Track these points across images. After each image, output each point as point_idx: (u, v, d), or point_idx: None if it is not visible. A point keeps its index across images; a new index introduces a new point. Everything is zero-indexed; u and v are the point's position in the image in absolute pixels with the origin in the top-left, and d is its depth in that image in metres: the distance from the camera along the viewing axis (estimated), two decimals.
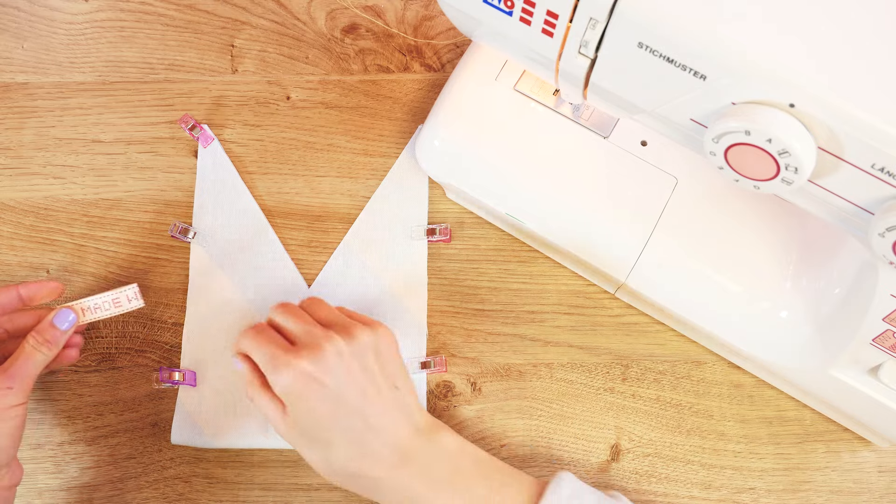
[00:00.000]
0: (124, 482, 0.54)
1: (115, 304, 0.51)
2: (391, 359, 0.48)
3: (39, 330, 0.49)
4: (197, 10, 0.64)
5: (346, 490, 0.54)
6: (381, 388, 0.46)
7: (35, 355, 0.48)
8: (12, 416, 0.45)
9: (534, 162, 0.53)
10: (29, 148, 0.61)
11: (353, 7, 0.64)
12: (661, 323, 0.57)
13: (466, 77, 0.54)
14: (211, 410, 0.54)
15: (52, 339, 0.49)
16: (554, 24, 0.38)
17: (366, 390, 0.45)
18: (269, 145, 0.61)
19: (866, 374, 0.48)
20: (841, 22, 0.33)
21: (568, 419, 0.55)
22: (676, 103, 0.37)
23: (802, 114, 0.33)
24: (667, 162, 0.53)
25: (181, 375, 0.54)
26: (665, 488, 0.54)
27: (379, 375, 0.46)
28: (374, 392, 0.46)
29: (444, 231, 0.58)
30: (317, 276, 0.58)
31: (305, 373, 0.44)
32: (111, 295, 0.51)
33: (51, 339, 0.49)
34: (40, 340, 0.48)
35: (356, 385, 0.45)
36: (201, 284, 0.57)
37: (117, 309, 0.51)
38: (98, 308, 0.51)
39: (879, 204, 0.35)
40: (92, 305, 0.51)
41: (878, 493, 0.53)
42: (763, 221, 0.52)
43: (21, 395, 0.46)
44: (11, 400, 0.45)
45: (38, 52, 0.63)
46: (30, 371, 0.47)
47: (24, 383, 0.47)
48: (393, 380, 0.47)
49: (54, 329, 0.49)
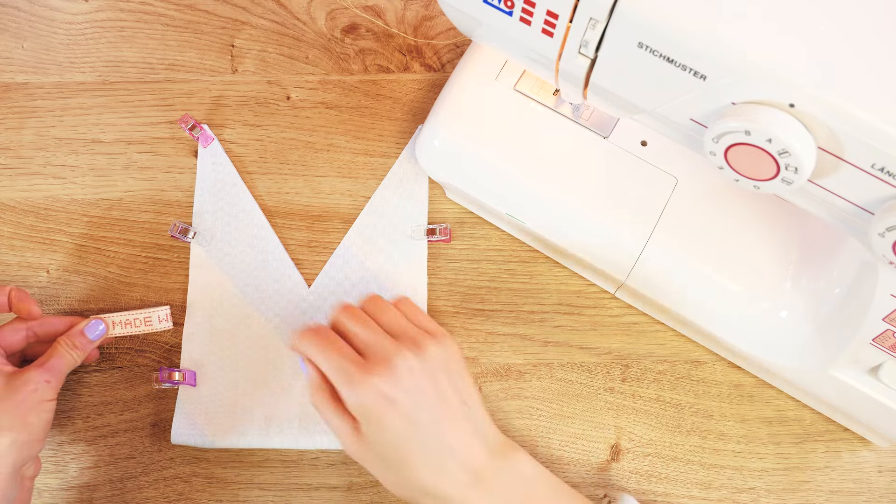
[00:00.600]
0: (124, 482, 0.54)
1: (146, 322, 0.54)
2: (460, 374, 0.47)
3: (70, 335, 0.51)
4: (197, 10, 0.64)
5: (347, 489, 0.54)
6: (452, 404, 0.45)
7: (66, 356, 0.50)
8: (47, 409, 0.48)
9: (534, 162, 0.53)
10: (29, 148, 0.61)
11: (353, 7, 0.64)
12: (661, 323, 0.57)
13: (466, 77, 0.54)
14: (211, 410, 0.54)
15: (81, 345, 0.51)
16: (554, 24, 0.38)
17: (438, 408, 0.45)
18: (269, 145, 0.61)
19: (866, 374, 0.48)
20: (841, 22, 0.33)
21: (568, 419, 0.55)
22: (676, 103, 0.37)
23: (802, 114, 0.33)
24: (667, 162, 0.53)
25: (181, 375, 0.54)
26: (665, 488, 0.54)
27: (449, 392, 0.45)
28: (446, 409, 0.45)
29: (444, 231, 0.58)
30: (317, 276, 0.58)
31: (381, 392, 0.43)
32: (143, 313, 0.53)
33: (80, 345, 0.51)
34: (70, 345, 0.51)
35: (429, 403, 0.44)
36: (201, 284, 0.57)
37: (147, 327, 0.54)
38: (129, 324, 0.53)
39: (879, 204, 0.35)
40: (122, 321, 0.53)
41: (878, 493, 0.53)
42: (763, 221, 0.52)
43: (55, 391, 0.48)
44: (48, 394, 0.48)
45: (38, 52, 0.63)
46: (63, 370, 0.50)
47: (58, 380, 0.49)
48: (463, 395, 0.46)
49: (84, 337, 0.52)
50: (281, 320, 0.56)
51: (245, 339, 0.56)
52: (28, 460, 0.47)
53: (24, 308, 0.52)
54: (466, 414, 0.45)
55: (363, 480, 0.54)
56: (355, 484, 0.54)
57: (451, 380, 0.46)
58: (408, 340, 0.46)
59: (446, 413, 0.45)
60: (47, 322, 0.53)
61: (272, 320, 0.56)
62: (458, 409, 0.45)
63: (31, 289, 0.58)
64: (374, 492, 0.54)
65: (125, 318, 0.53)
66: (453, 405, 0.45)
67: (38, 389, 0.47)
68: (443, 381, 0.45)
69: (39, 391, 0.47)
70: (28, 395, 0.47)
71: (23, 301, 0.52)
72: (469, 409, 0.46)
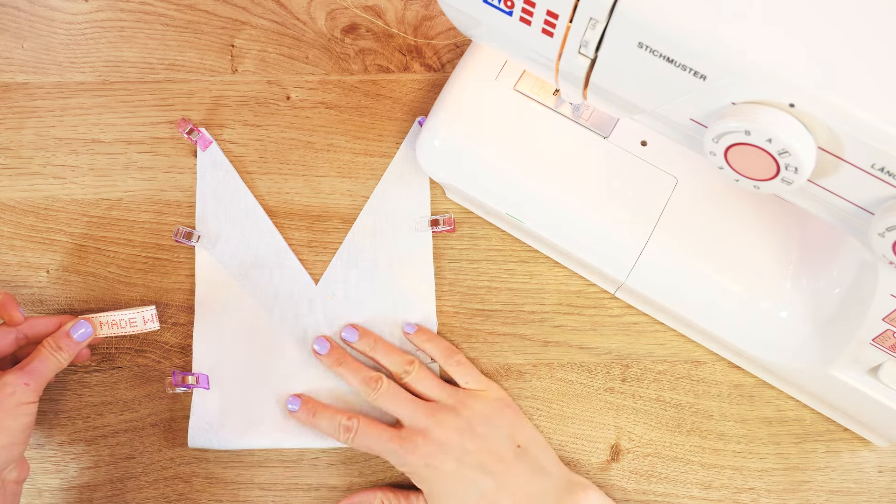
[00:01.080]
0: (124, 482, 0.54)
1: (132, 323, 0.53)
2: (506, 420, 0.51)
3: (55, 337, 0.51)
4: (197, 10, 0.64)
5: (347, 489, 0.54)
6: (497, 450, 0.49)
7: (50, 359, 0.50)
8: (26, 412, 0.47)
9: (534, 162, 0.53)
10: (29, 148, 0.61)
11: (353, 7, 0.64)
12: (661, 323, 0.57)
13: (466, 77, 0.54)
14: (226, 413, 0.54)
15: (66, 346, 0.51)
16: (554, 24, 0.38)
17: (483, 456, 0.49)
18: (269, 145, 0.61)
19: (866, 374, 0.48)
20: (841, 22, 0.33)
21: (568, 419, 0.55)
22: (676, 103, 0.37)
23: (802, 114, 0.33)
24: (667, 162, 0.53)
25: (195, 379, 0.54)
26: (665, 488, 0.54)
27: (494, 439, 0.50)
28: (492, 455, 0.49)
29: (448, 221, 0.58)
30: (323, 273, 0.58)
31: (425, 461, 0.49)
32: (128, 314, 0.53)
33: (65, 346, 0.51)
34: (55, 347, 0.50)
35: (472, 455, 0.49)
36: (208, 287, 0.57)
37: (132, 328, 0.53)
38: (115, 324, 0.53)
39: (879, 204, 0.35)
40: (109, 321, 0.53)
41: (878, 493, 0.53)
42: (763, 221, 0.52)
43: (35, 394, 0.48)
44: (27, 397, 0.47)
45: (38, 52, 0.63)
46: (45, 372, 0.49)
47: (38, 383, 0.49)
48: (512, 441, 0.50)
49: (69, 338, 0.51)
50: (289, 319, 0.56)
51: (255, 339, 0.56)
52: (8, 464, 0.47)
53: (6, 314, 0.51)
54: (518, 454, 0.50)
55: (363, 480, 0.54)
56: (355, 484, 0.54)
57: (494, 427, 0.50)
58: (442, 409, 0.51)
59: (493, 459, 0.49)
60: (35, 323, 0.52)
61: (281, 320, 0.56)
62: (508, 455, 0.50)
63: (32, 289, 0.58)
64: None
65: (111, 319, 0.53)
66: (500, 451, 0.49)
67: (15, 393, 0.47)
68: (483, 431, 0.50)
69: (17, 394, 0.47)
70: (4, 399, 0.46)
71: (5, 307, 0.51)
72: (524, 451, 0.50)
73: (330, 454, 0.55)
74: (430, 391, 0.52)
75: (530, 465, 0.49)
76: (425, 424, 0.50)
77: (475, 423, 0.50)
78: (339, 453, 0.55)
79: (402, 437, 0.50)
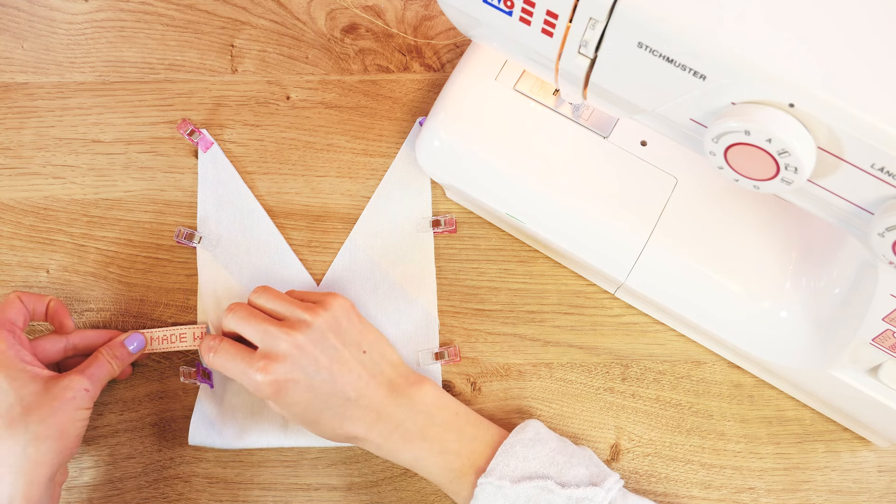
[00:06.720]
0: (124, 482, 0.54)
1: (181, 338, 0.54)
2: (350, 327, 0.51)
3: (112, 346, 0.52)
4: (197, 10, 0.64)
5: (347, 489, 0.54)
6: (346, 359, 0.50)
7: (107, 365, 0.51)
8: (83, 417, 0.48)
9: (534, 162, 0.53)
10: (29, 148, 0.61)
11: (353, 7, 0.64)
12: (661, 323, 0.57)
13: (466, 77, 0.54)
14: (229, 411, 0.54)
15: (121, 356, 0.52)
16: (554, 24, 0.38)
17: (333, 368, 0.49)
18: (268, 145, 0.61)
19: (866, 374, 0.48)
20: (841, 22, 0.33)
21: (567, 419, 0.55)
22: (676, 103, 0.37)
23: (802, 114, 0.33)
24: (667, 162, 0.53)
25: (205, 373, 0.55)
26: (665, 488, 0.54)
27: (342, 349, 0.50)
28: (341, 365, 0.49)
29: (450, 222, 0.58)
30: (325, 274, 0.58)
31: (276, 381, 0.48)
32: (179, 330, 0.54)
33: (120, 356, 0.52)
34: (112, 355, 0.51)
35: (323, 368, 0.48)
36: (211, 288, 0.57)
37: (182, 344, 0.54)
38: (165, 339, 0.54)
39: (879, 204, 0.35)
40: (160, 336, 0.54)
41: (878, 492, 0.53)
42: (763, 221, 0.52)
43: (91, 400, 0.48)
44: (86, 402, 0.48)
45: (38, 52, 0.63)
46: (102, 378, 0.50)
47: (96, 389, 0.49)
48: (358, 346, 0.51)
49: (124, 348, 0.52)
50: None
51: None
52: (60, 467, 0.47)
53: (58, 321, 0.52)
54: (363, 361, 0.50)
55: (363, 480, 0.54)
56: (355, 484, 0.54)
57: (341, 337, 0.50)
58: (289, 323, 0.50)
59: (342, 369, 0.49)
60: (87, 335, 0.53)
61: None
62: (353, 362, 0.50)
63: (32, 289, 0.58)
64: (374, 492, 0.54)
65: (162, 335, 0.54)
66: (348, 359, 0.50)
67: (76, 397, 0.47)
68: (333, 341, 0.49)
69: (78, 399, 0.47)
70: (66, 403, 0.46)
71: (58, 313, 0.52)
72: (367, 356, 0.51)
73: (330, 454, 0.55)
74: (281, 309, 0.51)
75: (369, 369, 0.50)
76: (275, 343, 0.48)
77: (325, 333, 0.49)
78: (339, 453, 0.55)
79: (252, 357, 0.48)
